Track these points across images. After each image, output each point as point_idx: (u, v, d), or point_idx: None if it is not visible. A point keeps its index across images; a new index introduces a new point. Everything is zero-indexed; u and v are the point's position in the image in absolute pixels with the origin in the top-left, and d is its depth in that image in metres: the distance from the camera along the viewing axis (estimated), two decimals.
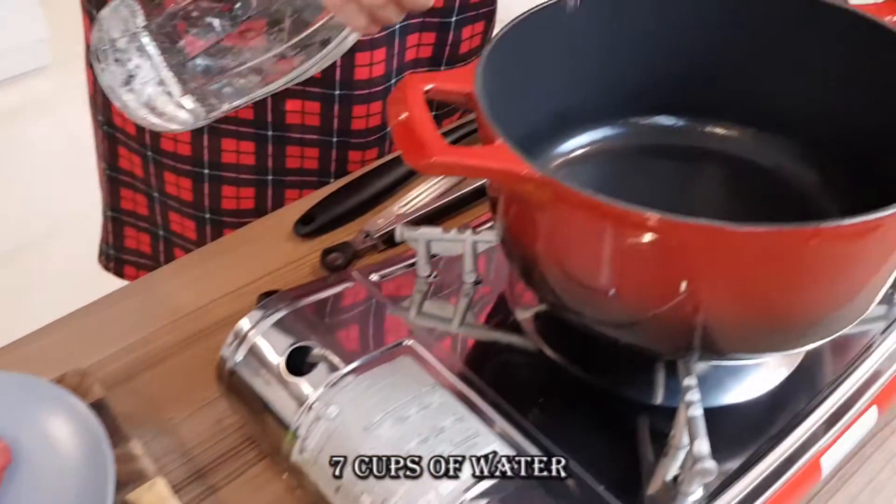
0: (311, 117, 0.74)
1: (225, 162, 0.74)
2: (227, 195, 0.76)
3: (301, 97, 0.72)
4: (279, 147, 0.74)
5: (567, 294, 0.44)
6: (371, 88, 0.73)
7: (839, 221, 0.36)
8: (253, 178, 0.76)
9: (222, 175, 0.75)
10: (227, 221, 0.77)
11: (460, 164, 0.39)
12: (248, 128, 0.73)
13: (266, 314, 0.51)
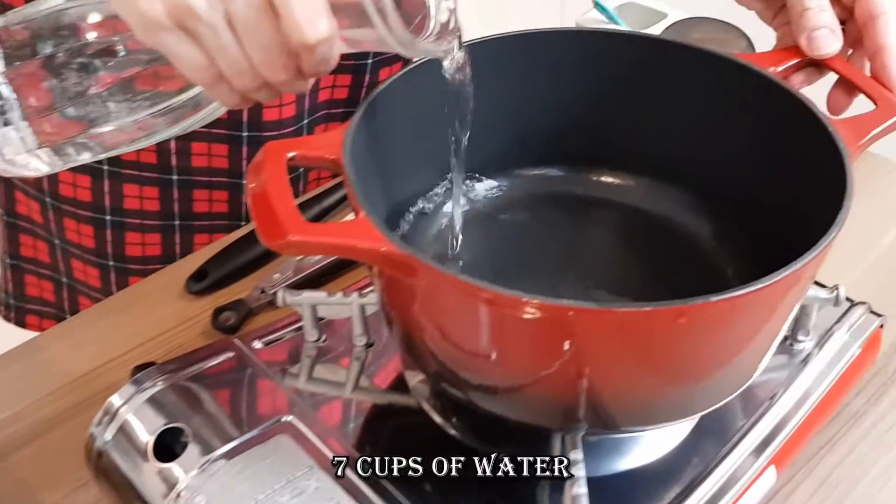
0: (219, 160, 0.71)
1: (128, 208, 0.71)
2: (131, 242, 0.73)
3: (207, 139, 0.69)
4: (185, 191, 0.71)
5: (438, 367, 0.42)
6: (281, 130, 0.71)
7: (707, 298, 0.34)
8: (159, 223, 0.73)
9: (125, 221, 0.72)
10: (132, 269, 0.74)
11: (318, 242, 0.37)
12: (151, 172, 0.70)
13: (139, 389, 0.48)
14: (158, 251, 0.72)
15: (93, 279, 0.75)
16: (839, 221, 0.37)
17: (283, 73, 0.38)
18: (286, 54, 0.37)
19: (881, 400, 0.55)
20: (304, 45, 0.37)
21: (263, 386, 0.49)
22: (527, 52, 0.51)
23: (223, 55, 0.37)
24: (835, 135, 0.42)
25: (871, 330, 0.53)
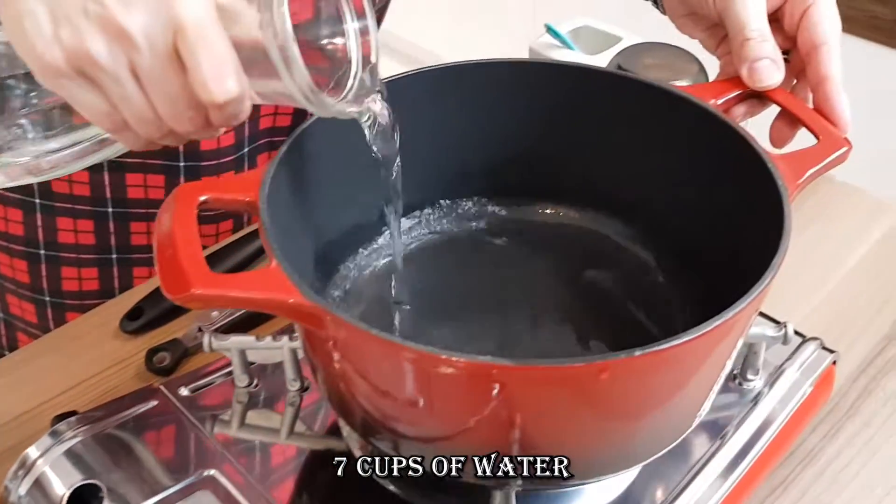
0: (156, 191, 0.69)
1: (62, 242, 0.69)
2: (67, 276, 0.71)
3: (142, 170, 0.67)
4: (122, 224, 0.69)
5: (362, 418, 0.40)
6: (220, 159, 0.69)
7: (630, 353, 0.32)
8: (95, 257, 0.70)
9: (60, 255, 0.70)
10: (69, 304, 0.72)
11: (224, 296, 0.34)
12: (85, 205, 0.68)
13: (57, 441, 0.46)
14: (96, 286, 0.70)
15: (29, 315, 0.72)
16: (774, 265, 0.35)
17: (190, 126, 0.36)
18: (193, 108, 0.36)
19: (836, 437, 0.53)
20: (211, 105, 0.35)
21: (187, 437, 0.47)
22: (464, 83, 0.49)
23: (126, 105, 0.35)
24: (774, 171, 0.40)
25: (824, 367, 0.51)
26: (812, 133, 0.43)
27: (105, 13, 0.34)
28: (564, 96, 0.49)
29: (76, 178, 0.65)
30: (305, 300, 0.34)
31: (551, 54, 0.71)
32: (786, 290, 0.63)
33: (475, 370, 0.33)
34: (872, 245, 0.67)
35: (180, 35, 0.34)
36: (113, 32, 0.34)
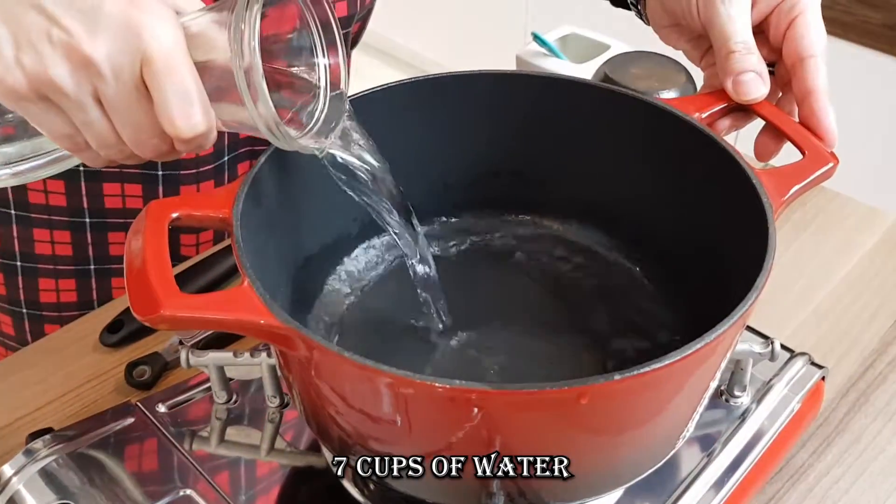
0: (134, 200, 0.68)
1: (39, 253, 0.68)
2: (45, 288, 0.70)
3: (119, 180, 0.66)
4: (99, 234, 0.68)
5: (338, 440, 0.39)
6: (199, 168, 0.68)
7: (610, 377, 0.31)
8: (73, 268, 0.69)
9: (38, 267, 0.69)
10: (47, 316, 0.71)
11: (193, 317, 0.34)
12: (61, 216, 0.67)
13: (31, 460, 0.45)
14: (74, 297, 0.69)
15: (6, 327, 0.71)
16: (757, 286, 0.35)
17: (153, 152, 0.36)
18: (158, 136, 0.35)
19: (826, 453, 0.52)
20: (177, 138, 0.34)
21: (163, 455, 0.46)
22: (442, 95, 0.48)
23: (89, 129, 0.35)
24: (758, 187, 0.39)
25: (812, 383, 0.50)
26: (798, 148, 0.43)
27: (70, 40, 0.33)
28: (545, 108, 0.48)
29: (52, 189, 0.64)
30: (276, 321, 0.33)
31: (538, 62, 0.71)
32: (775, 303, 0.63)
33: (451, 395, 0.32)
34: (863, 256, 0.66)
35: (147, 66, 0.34)
36: (77, 60, 0.33)
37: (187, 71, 0.34)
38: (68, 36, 0.33)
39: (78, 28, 0.33)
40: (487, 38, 2.04)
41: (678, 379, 0.34)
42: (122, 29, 0.33)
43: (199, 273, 0.62)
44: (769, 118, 0.44)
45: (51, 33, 0.33)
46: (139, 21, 0.34)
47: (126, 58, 0.33)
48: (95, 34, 0.33)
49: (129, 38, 0.33)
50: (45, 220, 0.66)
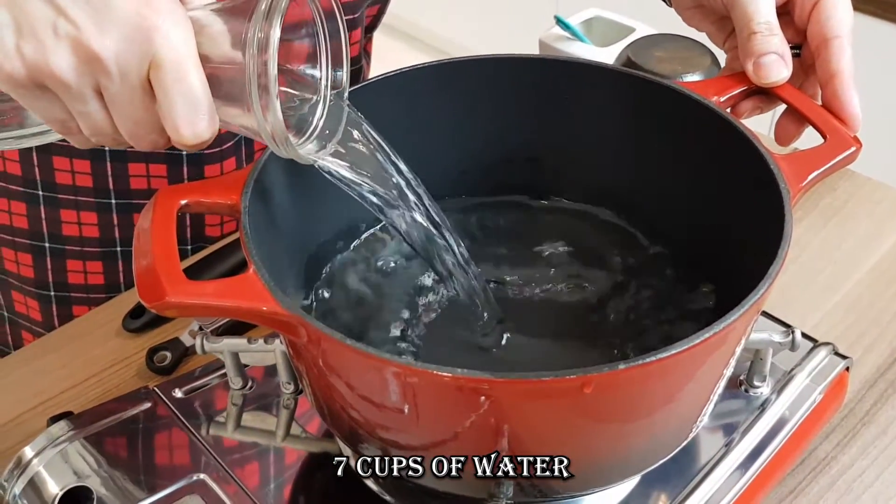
0: (158, 181, 0.68)
1: (67, 234, 0.69)
2: (72, 269, 0.71)
3: (144, 160, 0.66)
4: (125, 216, 0.69)
5: (349, 428, 0.39)
6: (222, 146, 0.68)
7: (615, 366, 0.31)
8: (100, 250, 0.70)
9: (65, 248, 0.69)
10: (75, 297, 0.72)
11: (198, 304, 0.34)
12: (88, 196, 0.67)
13: (51, 442, 0.46)
14: (101, 280, 0.70)
15: (34, 312, 0.72)
16: (770, 275, 0.34)
17: (150, 146, 0.35)
18: (157, 132, 0.35)
19: (850, 445, 0.51)
20: (179, 143, 0.34)
21: (178, 440, 0.46)
22: (459, 80, 0.48)
23: (84, 118, 0.35)
24: (776, 172, 0.38)
25: (836, 373, 0.49)
26: (819, 132, 0.41)
27: (77, 34, 0.33)
28: (561, 93, 0.47)
29: (78, 169, 0.65)
30: (280, 308, 0.33)
31: (561, 46, 0.69)
32: (801, 292, 0.61)
33: (456, 384, 0.32)
34: (893, 244, 0.64)
35: (156, 70, 0.33)
36: (83, 54, 0.33)
37: (197, 79, 0.33)
38: (76, 29, 0.33)
39: (86, 22, 0.33)
40: (515, 21, 2.02)
41: (686, 369, 0.33)
42: (134, 29, 0.33)
43: (222, 259, 0.63)
44: (790, 101, 0.43)
45: (57, 24, 0.33)
46: (152, 22, 0.34)
47: (135, 58, 0.33)
48: (104, 30, 0.33)
49: (139, 38, 0.33)
50: (72, 201, 0.67)
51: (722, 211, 0.44)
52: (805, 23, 0.45)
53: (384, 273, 0.51)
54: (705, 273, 0.48)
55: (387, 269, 0.51)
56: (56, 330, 0.64)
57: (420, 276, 0.50)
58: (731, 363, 0.37)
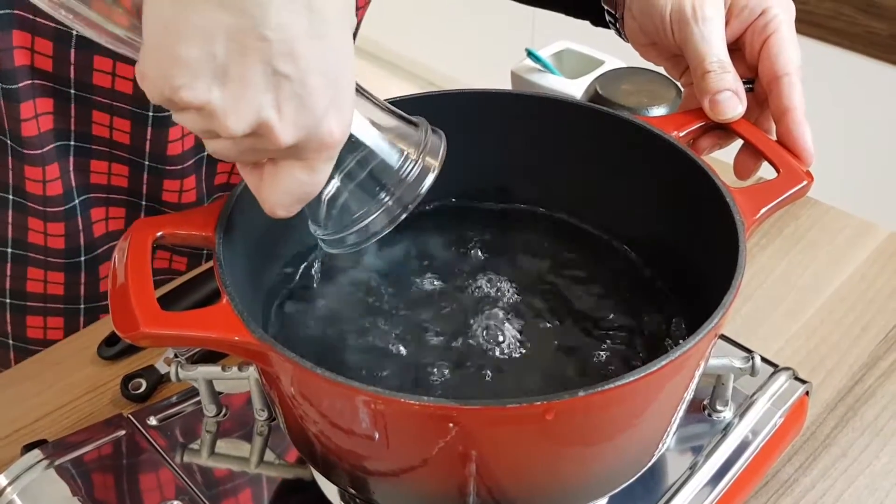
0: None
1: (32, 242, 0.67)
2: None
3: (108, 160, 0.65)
4: (86, 218, 0.67)
5: (320, 455, 0.40)
6: (184, 163, 0.68)
7: (574, 393, 0.32)
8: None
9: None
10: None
11: (172, 335, 0.35)
12: (56, 207, 0.66)
13: (25, 470, 0.47)
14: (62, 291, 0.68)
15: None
16: (724, 304, 0.35)
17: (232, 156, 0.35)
18: (248, 171, 0.36)
19: (812, 468, 0.53)
20: (266, 209, 0.37)
21: (153, 468, 0.47)
22: (439, 111, 0.49)
23: (208, 137, 0.34)
24: (731, 206, 0.40)
25: (795, 397, 0.50)
26: (773, 166, 0.43)
27: (274, 121, 0.32)
28: (531, 125, 0.49)
29: (49, 178, 0.64)
30: (251, 338, 0.34)
31: (532, 78, 0.71)
32: (765, 318, 0.63)
33: (423, 412, 0.33)
34: (855, 269, 0.66)
35: (297, 151, 0.34)
36: (264, 128, 0.32)
37: (319, 184, 0.35)
38: (278, 113, 0.32)
39: (290, 110, 0.32)
40: (494, 52, 2.06)
41: (645, 395, 0.35)
42: (316, 118, 0.33)
43: (195, 288, 0.64)
44: (745, 136, 0.45)
45: (268, 94, 0.32)
46: (331, 114, 0.33)
47: (309, 144, 0.33)
48: (296, 123, 0.32)
49: (320, 132, 0.33)
50: (41, 212, 0.66)
51: (685, 242, 0.45)
52: (756, 60, 0.47)
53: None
54: (673, 298, 0.49)
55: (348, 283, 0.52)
56: (31, 357, 0.64)
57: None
58: (691, 388, 0.39)
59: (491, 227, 0.53)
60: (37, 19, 0.56)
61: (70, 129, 0.62)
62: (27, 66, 0.58)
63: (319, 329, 0.47)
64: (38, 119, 0.60)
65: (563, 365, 0.46)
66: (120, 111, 0.61)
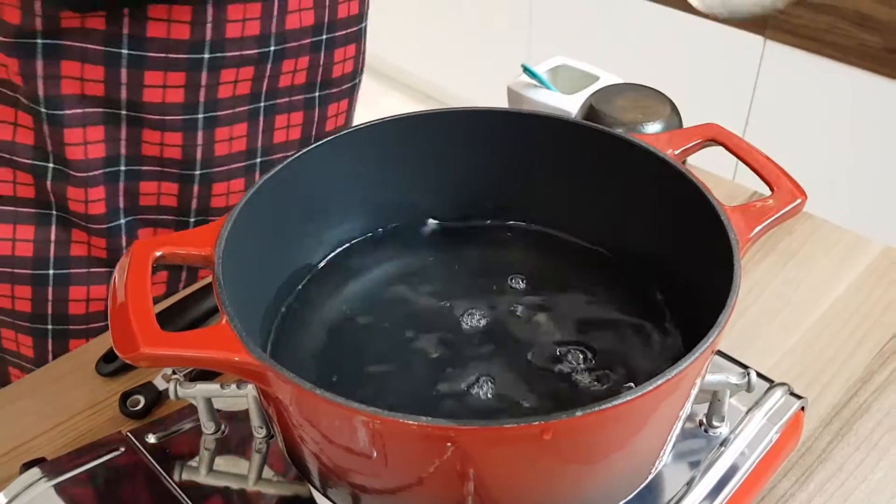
0: (168, 198, 0.69)
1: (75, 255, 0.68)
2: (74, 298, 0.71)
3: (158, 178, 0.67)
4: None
5: (318, 473, 0.40)
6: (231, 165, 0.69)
7: (572, 413, 0.32)
8: None
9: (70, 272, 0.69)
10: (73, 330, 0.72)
11: (172, 355, 0.35)
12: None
13: (25, 488, 0.47)
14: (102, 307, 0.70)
15: (25, 348, 0.72)
16: (720, 323, 0.36)
17: None
18: None
19: (808, 482, 0.53)
20: None
21: (152, 486, 0.47)
22: (423, 131, 0.50)
23: None
24: (727, 224, 0.40)
25: (791, 413, 0.51)
26: (767, 184, 0.44)
27: None
28: (521, 144, 0.49)
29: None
30: (251, 358, 0.35)
31: (528, 94, 0.72)
32: (760, 333, 0.63)
33: (421, 432, 0.33)
34: (849, 284, 0.67)
35: None
36: None
37: None
38: None
39: None
40: (490, 66, 2.07)
41: (642, 414, 0.35)
42: None
43: (195, 304, 0.64)
44: (740, 154, 0.45)
45: None
46: None
47: None
48: None
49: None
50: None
51: (680, 258, 0.46)
52: None
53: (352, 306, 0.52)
54: (671, 316, 0.49)
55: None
56: (29, 374, 0.64)
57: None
58: (687, 406, 0.39)
59: (487, 245, 0.54)
60: (87, 47, 0.59)
61: (120, 153, 0.64)
62: (76, 94, 0.61)
63: (316, 348, 0.48)
64: (87, 146, 0.63)
65: (557, 383, 0.46)
66: (171, 125, 0.63)
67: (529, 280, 0.52)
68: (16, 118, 0.63)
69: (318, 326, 0.48)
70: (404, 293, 0.49)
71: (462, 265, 0.53)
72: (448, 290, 0.51)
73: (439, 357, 0.48)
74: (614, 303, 0.51)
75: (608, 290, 0.51)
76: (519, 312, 0.50)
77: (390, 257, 0.52)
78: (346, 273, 0.51)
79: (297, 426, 0.38)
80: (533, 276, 0.53)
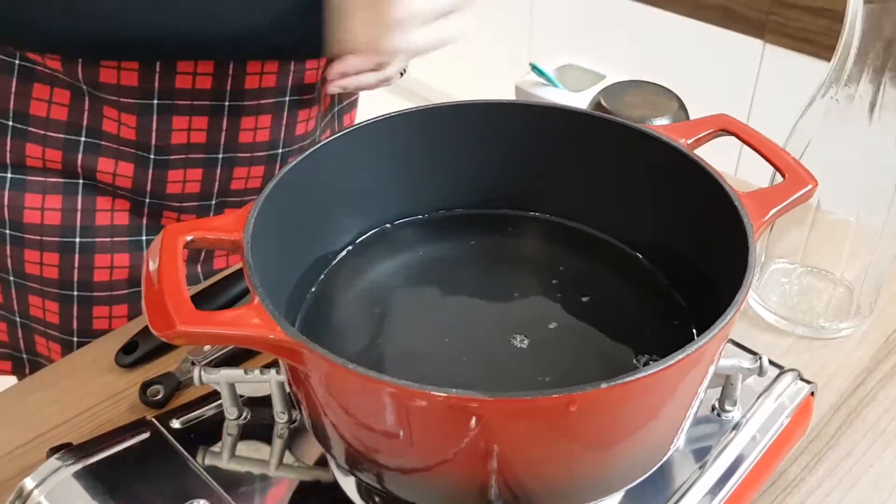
0: (193, 184, 0.71)
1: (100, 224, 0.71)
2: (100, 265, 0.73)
3: (183, 165, 0.69)
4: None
5: (345, 452, 0.41)
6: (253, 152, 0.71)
7: (597, 385, 0.33)
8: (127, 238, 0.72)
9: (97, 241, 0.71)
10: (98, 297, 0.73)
11: (207, 332, 0.36)
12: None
13: (52, 472, 0.47)
14: (125, 275, 0.72)
15: (51, 315, 0.73)
16: (736, 302, 0.37)
17: None
18: None
19: (817, 467, 0.54)
20: None
21: (177, 469, 0.48)
22: (439, 124, 0.51)
23: None
24: (741, 210, 0.42)
25: (801, 397, 0.52)
26: (778, 171, 0.45)
27: None
28: (536, 136, 0.50)
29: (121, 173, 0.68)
30: (286, 336, 0.36)
31: (536, 92, 0.73)
32: (767, 323, 0.64)
33: (449, 403, 0.34)
34: None
35: None
36: None
37: None
38: None
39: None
40: (491, 68, 2.08)
41: (663, 388, 0.36)
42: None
43: (211, 296, 0.65)
44: (751, 143, 0.46)
45: None
46: None
47: None
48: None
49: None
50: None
51: (696, 245, 0.47)
52: None
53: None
54: (685, 299, 0.50)
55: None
56: (48, 366, 0.65)
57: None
58: (705, 383, 0.40)
59: (501, 235, 0.55)
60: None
61: (150, 143, 0.67)
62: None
63: (339, 334, 0.49)
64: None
65: (577, 363, 0.47)
66: (199, 110, 0.66)
67: (546, 267, 0.54)
68: (51, 96, 0.65)
69: (341, 314, 0.49)
70: (422, 281, 0.51)
71: (478, 254, 0.54)
72: (467, 278, 0.52)
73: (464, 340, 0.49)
74: (625, 290, 0.52)
75: (619, 277, 0.52)
76: (533, 297, 0.52)
77: (410, 246, 0.53)
78: (365, 262, 0.52)
79: (325, 404, 0.39)
80: (550, 266, 0.54)
